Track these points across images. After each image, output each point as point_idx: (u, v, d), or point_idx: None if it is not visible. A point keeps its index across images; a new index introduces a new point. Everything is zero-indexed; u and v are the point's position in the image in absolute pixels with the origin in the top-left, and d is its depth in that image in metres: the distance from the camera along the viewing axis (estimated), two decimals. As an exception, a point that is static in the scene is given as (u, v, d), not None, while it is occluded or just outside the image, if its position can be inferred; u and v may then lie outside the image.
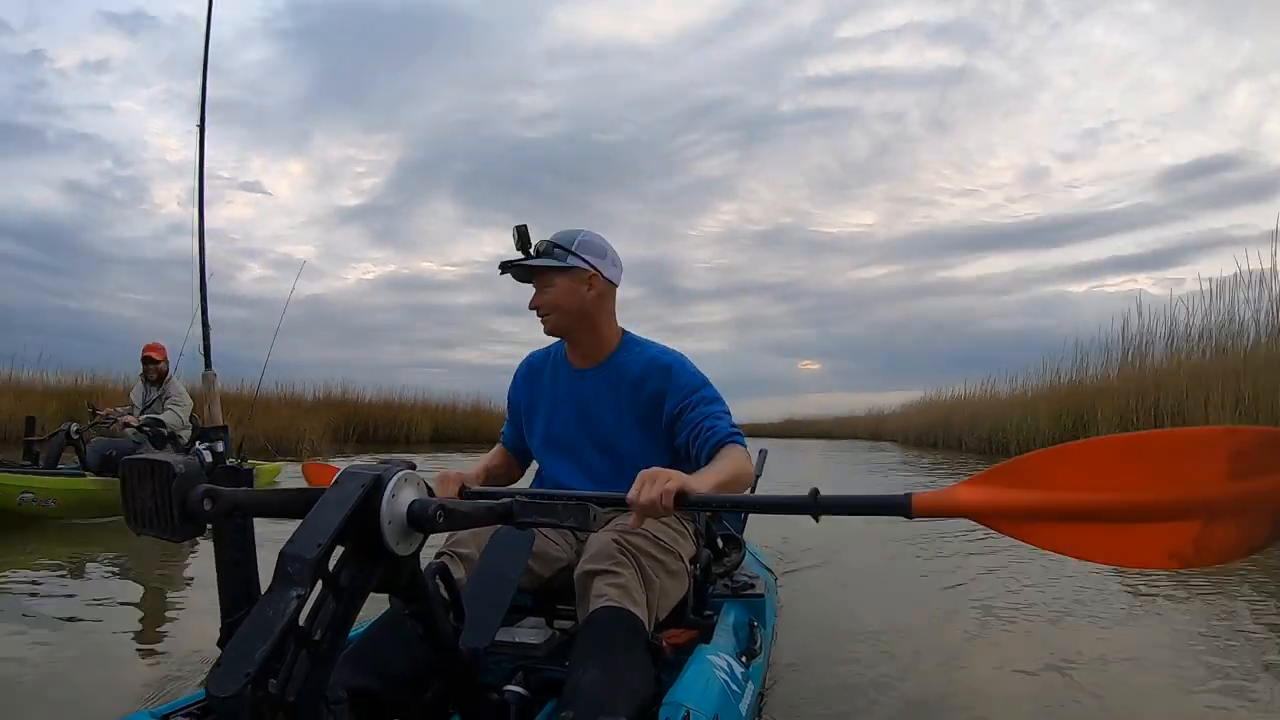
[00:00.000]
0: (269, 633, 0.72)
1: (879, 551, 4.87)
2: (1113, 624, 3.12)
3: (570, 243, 1.74)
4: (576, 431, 1.81)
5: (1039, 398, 15.60)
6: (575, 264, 1.73)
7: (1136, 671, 2.54)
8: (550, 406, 1.85)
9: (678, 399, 1.72)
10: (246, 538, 1.09)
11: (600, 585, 1.42)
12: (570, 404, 1.82)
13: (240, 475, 1.17)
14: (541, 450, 1.87)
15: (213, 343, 6.52)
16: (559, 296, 1.74)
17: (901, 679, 2.40)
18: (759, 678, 1.82)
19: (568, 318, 1.76)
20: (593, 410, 1.80)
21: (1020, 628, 3.05)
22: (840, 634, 2.90)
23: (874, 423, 32.77)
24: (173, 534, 0.75)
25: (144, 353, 6.16)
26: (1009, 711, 2.16)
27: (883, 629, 2.95)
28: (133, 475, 0.78)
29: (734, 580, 2.17)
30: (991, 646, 2.80)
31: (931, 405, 24.34)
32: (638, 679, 1.29)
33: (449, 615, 1.04)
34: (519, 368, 1.97)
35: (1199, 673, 2.48)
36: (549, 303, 1.75)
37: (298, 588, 0.76)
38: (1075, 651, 2.67)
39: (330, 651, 0.81)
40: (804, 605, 3.33)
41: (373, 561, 0.87)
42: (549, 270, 1.73)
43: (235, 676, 0.70)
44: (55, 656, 2.59)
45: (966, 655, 2.70)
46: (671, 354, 1.81)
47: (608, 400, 1.78)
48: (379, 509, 0.84)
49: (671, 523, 1.71)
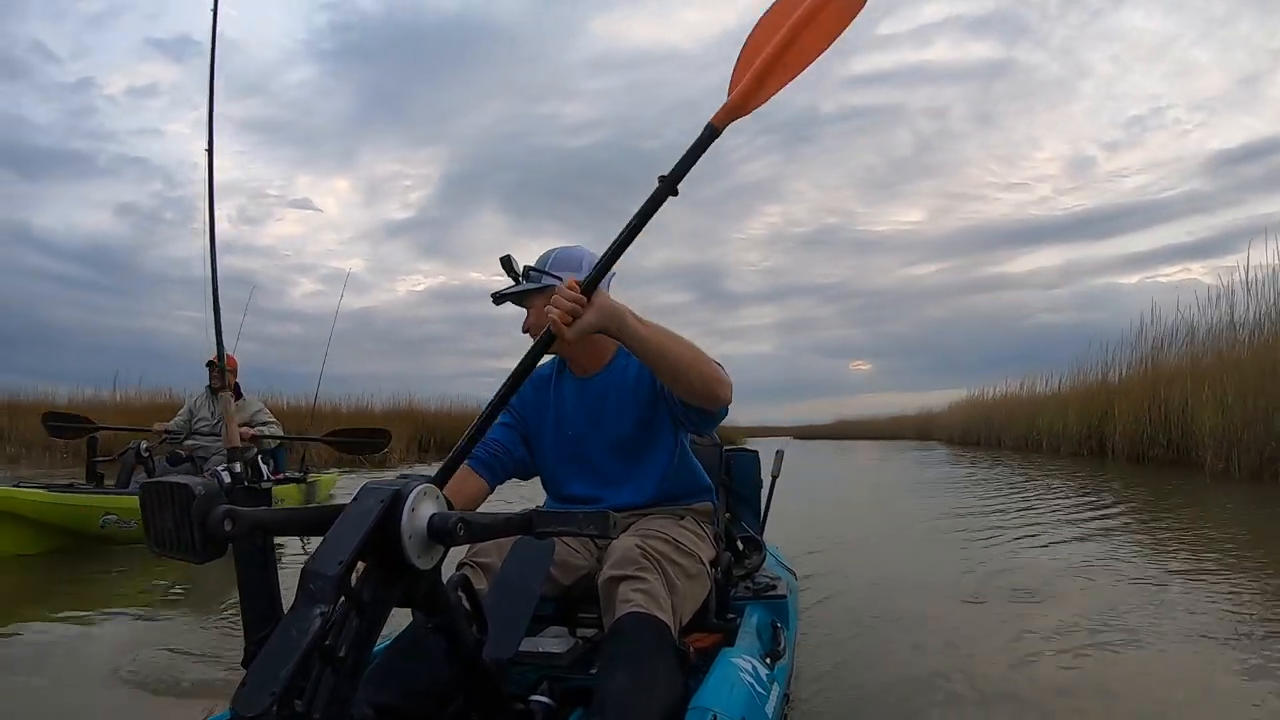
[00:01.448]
0: (294, 651, 0.72)
1: (903, 544, 4.85)
2: (1163, 638, 3.09)
3: (545, 263, 1.78)
4: (587, 438, 1.81)
5: (1070, 397, 15.64)
6: (549, 283, 1.74)
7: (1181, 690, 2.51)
8: (557, 418, 1.85)
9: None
10: (268, 557, 1.09)
11: (626, 591, 1.41)
12: (579, 412, 1.82)
13: (259, 495, 1.17)
14: (553, 461, 1.86)
15: (266, 359, 6.34)
16: (539, 318, 1.74)
17: (928, 677, 2.38)
18: (784, 679, 1.81)
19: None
20: (602, 416, 1.80)
21: (1054, 622, 3.02)
22: (864, 632, 2.88)
23: (923, 422, 32.92)
24: (194, 555, 0.75)
25: (210, 360, 5.54)
26: (1047, 710, 2.14)
27: (909, 625, 2.94)
28: (152, 498, 0.78)
29: (755, 582, 2.16)
30: (1024, 642, 2.78)
31: (974, 404, 24.59)
32: (666, 685, 1.29)
33: (472, 627, 1.04)
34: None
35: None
36: (532, 326, 1.78)
37: (321, 605, 0.76)
38: (1112, 653, 2.64)
39: (355, 668, 0.81)
40: (828, 605, 3.32)
41: (394, 576, 0.87)
42: (531, 294, 1.76)
43: (261, 696, 0.70)
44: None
45: (997, 650, 2.68)
46: None
47: (614, 404, 1.79)
48: (399, 523, 0.84)
49: (690, 526, 1.71)
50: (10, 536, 4.55)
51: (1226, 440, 9.09)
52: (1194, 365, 10.75)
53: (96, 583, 4.13)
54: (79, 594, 3.81)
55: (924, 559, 4.52)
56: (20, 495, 4.55)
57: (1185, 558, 4.34)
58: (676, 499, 1.80)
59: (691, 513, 1.79)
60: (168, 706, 2.31)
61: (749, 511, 2.45)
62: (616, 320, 1.40)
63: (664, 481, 1.79)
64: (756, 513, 2.49)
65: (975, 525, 5.78)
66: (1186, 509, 6.78)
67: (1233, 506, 7.00)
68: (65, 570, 4.38)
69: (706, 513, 1.84)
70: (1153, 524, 5.86)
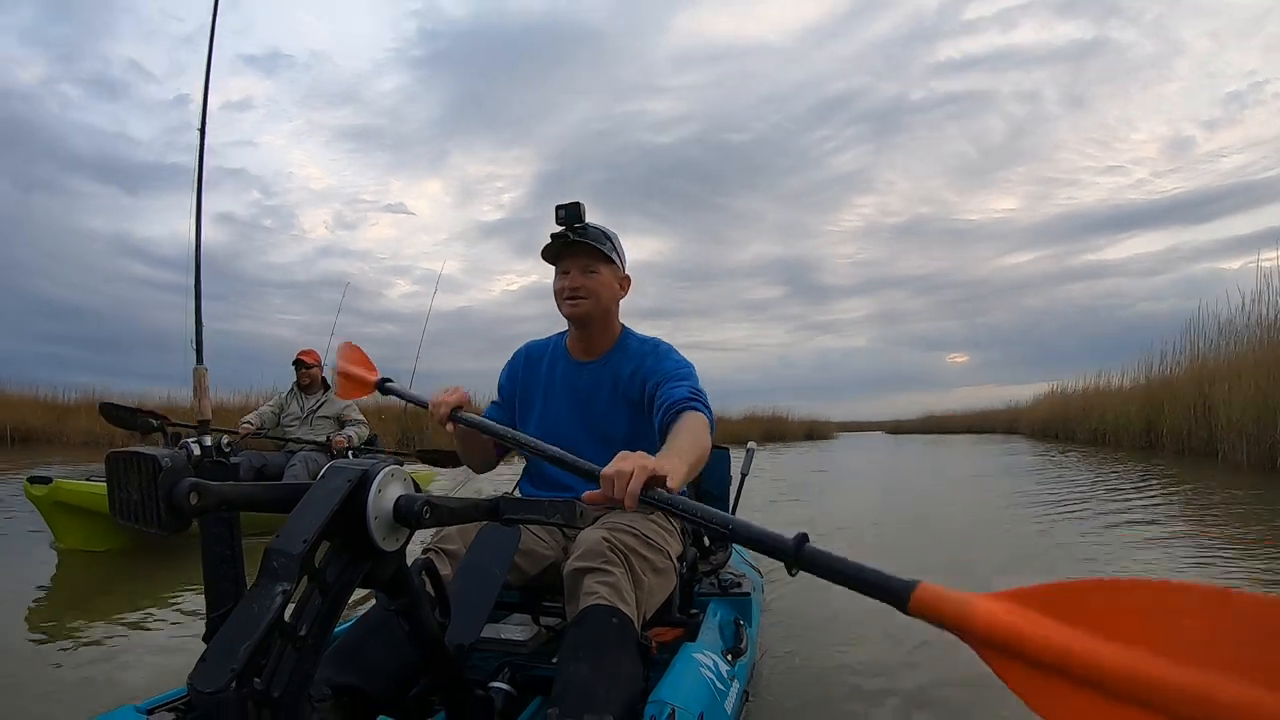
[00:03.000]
0: (254, 628, 0.72)
1: (871, 545, 4.89)
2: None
3: (615, 239, 1.78)
4: (572, 423, 1.81)
5: (1135, 392, 15.65)
6: (617, 260, 1.77)
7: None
8: (545, 396, 1.85)
9: (654, 375, 1.72)
10: (233, 532, 1.09)
11: (591, 583, 1.42)
12: (566, 395, 1.82)
13: (228, 469, 1.17)
14: (535, 434, 1.85)
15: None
16: (601, 285, 1.75)
17: (886, 676, 2.41)
18: (744, 676, 1.83)
19: (599, 308, 1.77)
20: (589, 403, 1.80)
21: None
22: (825, 631, 2.91)
23: (1010, 416, 32.83)
24: (158, 527, 0.75)
25: (297, 357, 5.63)
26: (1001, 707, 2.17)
27: (868, 627, 2.96)
28: (119, 467, 0.78)
29: (721, 579, 2.17)
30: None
31: (1054, 399, 24.68)
32: (627, 677, 1.30)
33: (435, 611, 1.04)
34: (517, 353, 1.95)
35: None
36: (591, 288, 1.74)
37: (283, 583, 0.76)
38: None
39: (316, 647, 0.81)
40: (789, 603, 3.34)
41: (359, 557, 0.87)
42: (596, 257, 1.74)
43: (220, 672, 0.70)
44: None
45: (956, 648, 2.70)
46: (661, 344, 1.83)
47: (605, 394, 1.79)
48: (365, 504, 0.85)
49: (660, 520, 1.71)
50: (76, 531, 4.44)
51: (1244, 433, 9.56)
52: (1234, 362, 10.98)
53: (164, 579, 3.87)
54: (147, 590, 3.62)
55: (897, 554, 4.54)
56: (89, 489, 4.40)
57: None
58: None
59: None
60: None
61: (718, 508, 2.47)
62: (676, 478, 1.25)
63: None
64: (725, 509, 2.51)
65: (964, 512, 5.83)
66: (1199, 500, 7.07)
67: (1241, 493, 7.29)
68: (137, 566, 4.20)
69: None
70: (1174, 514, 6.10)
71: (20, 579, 3.78)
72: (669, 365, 1.74)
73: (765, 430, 28.37)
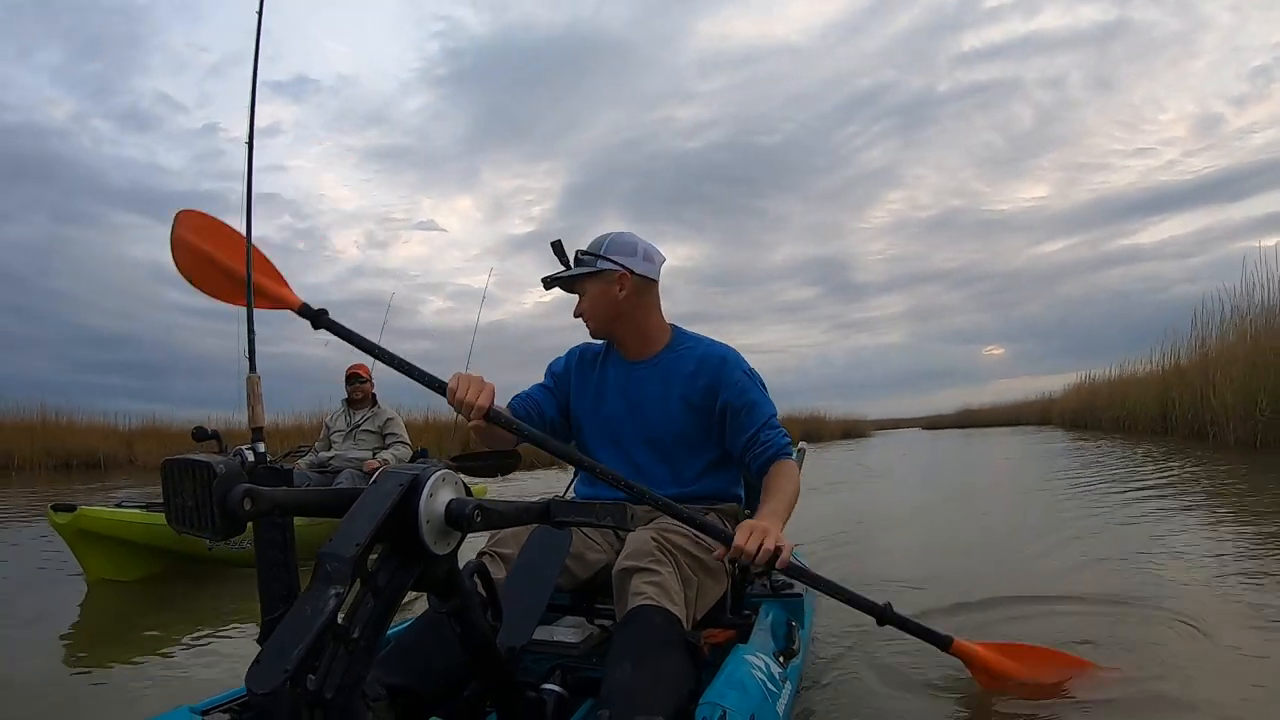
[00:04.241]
0: (308, 630, 0.73)
1: (921, 549, 4.81)
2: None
3: (599, 248, 1.78)
4: (624, 423, 1.82)
5: (1152, 379, 15.83)
6: (604, 266, 1.76)
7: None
8: (597, 395, 1.86)
9: (730, 394, 1.74)
10: (286, 537, 1.10)
11: (638, 583, 1.41)
12: (619, 395, 1.83)
13: (281, 475, 1.18)
14: (589, 441, 1.87)
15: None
16: (593, 302, 1.78)
17: (942, 681, 2.36)
18: (796, 678, 1.80)
19: (603, 320, 1.79)
20: (641, 404, 1.80)
21: (1083, 633, 2.98)
22: (879, 634, 2.86)
23: (1043, 407, 32.88)
24: (213, 533, 0.76)
25: (349, 371, 5.46)
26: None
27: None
28: (174, 474, 0.79)
29: (773, 580, 2.15)
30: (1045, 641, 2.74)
31: (1083, 388, 24.88)
32: (675, 678, 1.29)
33: (487, 614, 1.05)
34: (572, 351, 1.97)
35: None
36: (584, 309, 1.79)
37: (336, 586, 0.76)
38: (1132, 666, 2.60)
39: (368, 649, 0.81)
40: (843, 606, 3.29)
41: (411, 560, 0.87)
42: (582, 278, 1.77)
43: (274, 673, 0.70)
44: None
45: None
46: (725, 348, 1.83)
47: (657, 395, 1.79)
48: (417, 508, 0.85)
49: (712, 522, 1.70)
50: (104, 561, 4.19)
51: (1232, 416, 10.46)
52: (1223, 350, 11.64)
53: (204, 609, 3.71)
54: (183, 622, 3.42)
55: (951, 558, 4.48)
56: (119, 516, 4.18)
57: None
58: (703, 502, 1.79)
59: (715, 511, 1.78)
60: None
61: None
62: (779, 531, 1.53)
63: (696, 483, 1.79)
64: None
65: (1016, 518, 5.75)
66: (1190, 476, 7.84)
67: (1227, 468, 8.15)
68: (172, 595, 4.05)
69: (732, 513, 1.83)
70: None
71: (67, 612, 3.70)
72: (740, 378, 1.77)
73: (803, 430, 28.37)
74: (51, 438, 16.54)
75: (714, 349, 1.81)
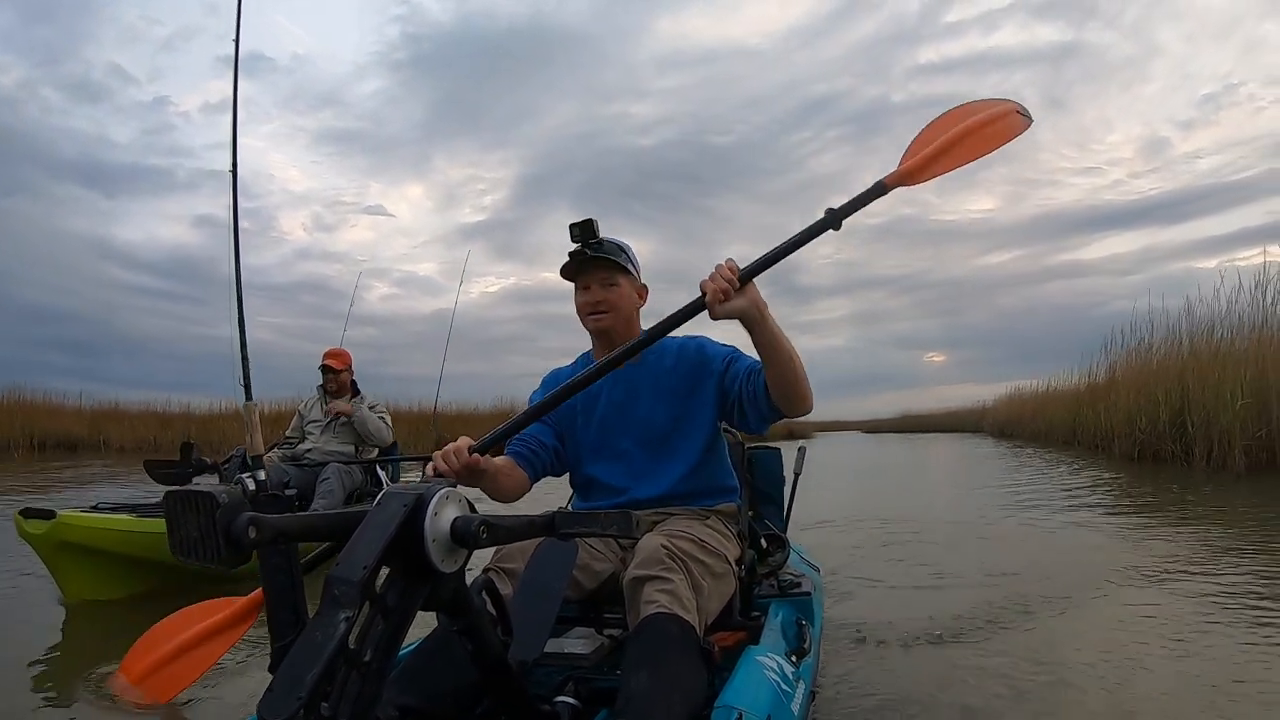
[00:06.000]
0: (319, 656, 0.73)
1: (931, 541, 4.82)
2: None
3: (629, 250, 1.80)
4: (615, 426, 1.81)
5: (1066, 397, 16.86)
6: (633, 270, 1.79)
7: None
8: (586, 409, 1.84)
9: (719, 364, 1.74)
10: (292, 563, 1.10)
11: (650, 591, 1.41)
12: (608, 399, 1.82)
13: (282, 502, 1.18)
14: (581, 448, 1.85)
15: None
16: (621, 297, 1.77)
17: (954, 675, 2.37)
18: (809, 677, 1.80)
19: (620, 320, 1.78)
20: (630, 407, 1.80)
21: (1086, 625, 2.99)
22: (891, 629, 2.86)
23: (977, 415, 33.86)
24: (219, 562, 0.76)
25: (323, 361, 4.91)
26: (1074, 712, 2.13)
27: (936, 623, 2.91)
28: (177, 506, 0.79)
29: (780, 580, 2.15)
30: (1053, 643, 2.75)
31: (1012, 400, 25.76)
32: (691, 684, 1.28)
33: (496, 629, 1.04)
34: (546, 378, 1.93)
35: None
36: (612, 301, 1.76)
37: (345, 610, 0.76)
38: (1148, 661, 2.61)
39: (380, 671, 0.81)
40: (853, 602, 3.30)
41: (419, 580, 0.87)
42: (614, 270, 1.76)
43: (288, 700, 0.70)
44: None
45: (1025, 648, 2.65)
46: (696, 337, 1.83)
47: (645, 395, 1.79)
48: (422, 528, 0.85)
49: (716, 525, 1.70)
50: (86, 578, 3.50)
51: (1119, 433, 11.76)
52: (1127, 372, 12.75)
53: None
54: None
55: (958, 550, 4.50)
56: (97, 522, 3.48)
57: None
58: (700, 496, 1.78)
59: (716, 513, 1.78)
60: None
61: (772, 508, 2.44)
62: (759, 312, 1.44)
63: (691, 477, 1.77)
64: (779, 510, 2.48)
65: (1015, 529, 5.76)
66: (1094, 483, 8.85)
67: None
68: (166, 614, 3.51)
69: (731, 513, 1.83)
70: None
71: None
72: (722, 349, 1.77)
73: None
74: (29, 419, 16.01)
75: (685, 340, 1.81)
